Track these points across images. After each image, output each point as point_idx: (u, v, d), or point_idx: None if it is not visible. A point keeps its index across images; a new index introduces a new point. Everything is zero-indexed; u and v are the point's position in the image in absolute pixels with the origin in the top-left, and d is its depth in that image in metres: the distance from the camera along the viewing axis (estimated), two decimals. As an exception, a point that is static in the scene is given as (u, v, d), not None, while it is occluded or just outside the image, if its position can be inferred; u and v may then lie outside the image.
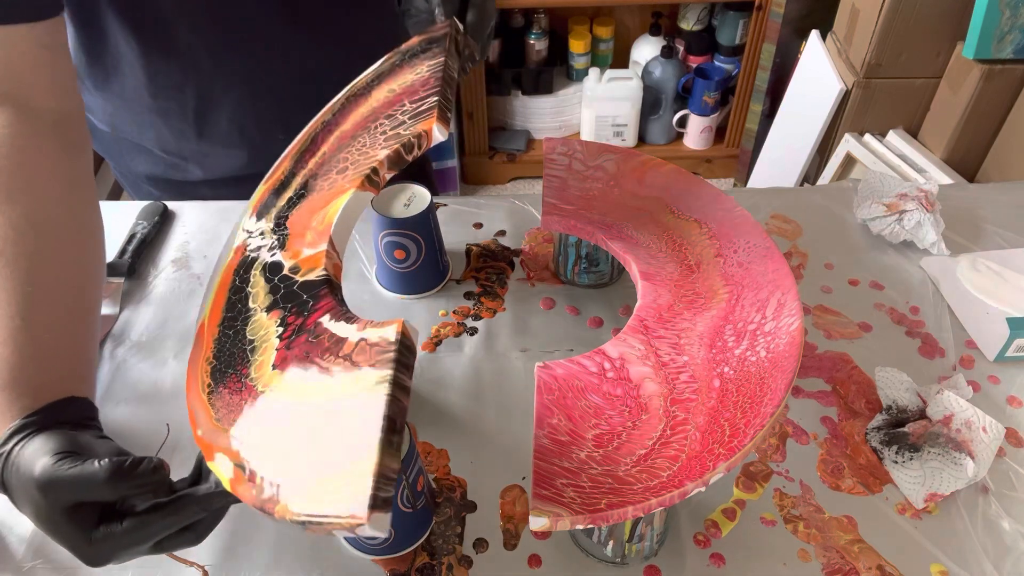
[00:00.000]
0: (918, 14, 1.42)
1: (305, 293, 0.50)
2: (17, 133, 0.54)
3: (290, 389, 0.46)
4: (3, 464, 0.44)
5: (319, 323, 0.48)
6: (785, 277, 0.62)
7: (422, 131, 0.54)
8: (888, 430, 0.63)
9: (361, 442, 0.40)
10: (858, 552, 0.57)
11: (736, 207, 0.70)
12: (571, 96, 2.16)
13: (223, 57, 0.75)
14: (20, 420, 0.45)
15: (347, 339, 0.46)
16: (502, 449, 0.64)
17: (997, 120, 1.41)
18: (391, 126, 0.57)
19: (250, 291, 0.52)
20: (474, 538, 0.58)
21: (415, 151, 0.54)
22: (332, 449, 0.41)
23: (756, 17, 1.91)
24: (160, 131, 0.81)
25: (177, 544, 0.45)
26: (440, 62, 0.59)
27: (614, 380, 0.55)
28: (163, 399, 0.68)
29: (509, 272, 0.80)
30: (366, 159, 0.55)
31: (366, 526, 0.37)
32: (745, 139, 2.10)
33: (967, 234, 0.82)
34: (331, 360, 0.46)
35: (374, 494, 0.38)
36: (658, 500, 0.47)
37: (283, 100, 0.80)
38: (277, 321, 0.50)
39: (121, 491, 0.42)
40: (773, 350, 0.56)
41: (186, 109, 0.78)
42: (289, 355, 0.48)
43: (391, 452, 0.40)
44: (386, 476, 0.39)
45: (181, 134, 0.81)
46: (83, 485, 0.41)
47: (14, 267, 0.49)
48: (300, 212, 0.56)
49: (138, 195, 0.93)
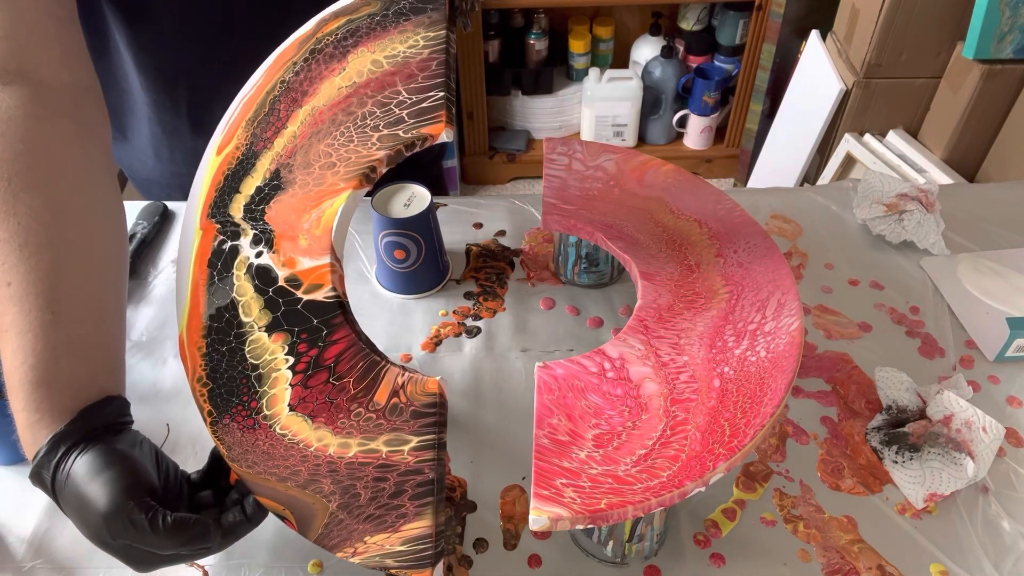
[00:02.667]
0: (918, 14, 1.42)
1: (315, 317, 0.48)
2: (32, 115, 0.51)
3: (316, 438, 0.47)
4: (53, 473, 0.44)
5: (339, 360, 0.48)
6: (785, 277, 0.62)
7: (428, 135, 0.51)
8: (888, 430, 0.63)
9: (415, 504, 0.45)
10: (858, 552, 0.57)
11: (736, 207, 0.70)
12: (571, 96, 2.16)
13: (214, 48, 0.74)
14: (63, 426, 0.45)
15: (376, 389, 0.47)
16: (502, 449, 0.64)
17: (997, 120, 1.41)
18: (385, 122, 0.52)
19: (237, 298, 0.50)
20: (474, 538, 0.58)
21: (415, 149, 0.52)
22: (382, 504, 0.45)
23: (756, 17, 1.91)
24: (154, 129, 0.80)
25: (192, 557, 0.48)
26: (440, 36, 0.52)
27: (614, 380, 0.55)
28: (163, 399, 0.68)
29: (509, 272, 0.79)
30: (358, 157, 0.51)
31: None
32: (745, 139, 2.10)
33: (967, 234, 0.82)
34: (361, 412, 0.47)
35: (434, 552, 0.44)
36: (658, 500, 0.47)
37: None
38: (284, 348, 0.48)
39: (177, 548, 0.45)
40: (773, 350, 0.56)
41: (179, 104, 0.78)
42: (308, 396, 0.47)
43: (443, 510, 0.45)
44: (440, 531, 0.45)
45: (175, 131, 0.80)
46: (148, 539, 0.44)
47: (39, 258, 0.47)
48: (281, 207, 0.52)
49: (147, 196, 0.93)
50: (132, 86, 0.77)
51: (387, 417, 0.46)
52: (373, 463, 0.45)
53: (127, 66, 0.75)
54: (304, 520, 0.46)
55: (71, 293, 0.48)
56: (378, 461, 0.45)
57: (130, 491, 0.44)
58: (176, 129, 0.80)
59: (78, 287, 0.49)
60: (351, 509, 0.45)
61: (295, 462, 0.46)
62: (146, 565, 0.45)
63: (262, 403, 0.47)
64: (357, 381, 0.47)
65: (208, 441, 0.64)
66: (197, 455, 0.63)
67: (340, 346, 0.48)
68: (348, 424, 0.47)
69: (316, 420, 0.47)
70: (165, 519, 0.44)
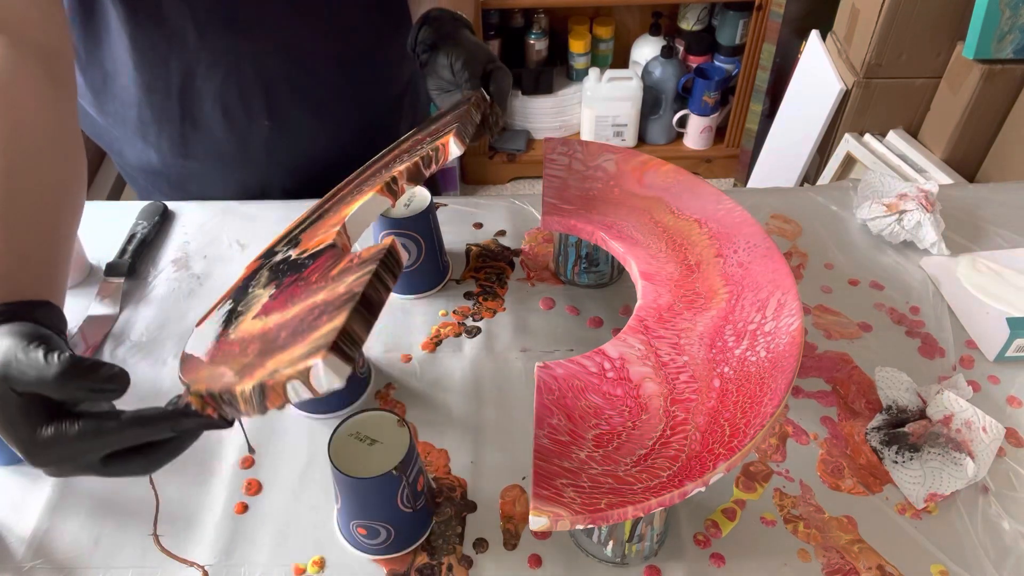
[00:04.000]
0: (918, 14, 1.42)
1: (307, 262, 0.50)
2: (4, 56, 0.54)
3: (271, 319, 0.45)
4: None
5: (314, 272, 0.48)
6: (785, 277, 0.62)
7: (439, 144, 0.55)
8: (888, 430, 0.63)
9: (333, 310, 0.40)
10: (858, 552, 0.57)
11: (736, 207, 0.70)
12: (571, 96, 2.16)
13: (209, 32, 0.74)
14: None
15: (336, 266, 0.46)
16: (502, 449, 0.64)
17: (997, 120, 1.41)
18: (411, 155, 0.58)
19: (251, 291, 0.52)
20: (474, 538, 0.58)
21: (432, 165, 0.55)
22: (303, 325, 0.41)
23: (756, 17, 1.91)
24: (143, 111, 0.80)
25: (127, 467, 0.43)
26: (464, 109, 0.60)
27: (614, 380, 0.55)
28: (163, 399, 0.67)
29: (509, 272, 0.80)
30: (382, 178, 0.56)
31: (319, 366, 0.37)
32: (745, 139, 2.10)
33: (967, 234, 0.82)
34: (319, 285, 0.45)
35: (335, 341, 0.38)
36: (658, 500, 0.47)
37: (269, 84, 0.79)
38: (273, 288, 0.50)
39: (72, 390, 0.41)
40: (773, 350, 0.56)
41: (170, 86, 0.77)
42: (273, 304, 0.47)
43: (360, 320, 0.40)
44: (351, 336, 0.39)
45: (164, 113, 0.80)
46: (34, 372, 0.40)
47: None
48: (313, 228, 0.56)
49: (135, 187, 0.93)
50: (122, 67, 0.77)
51: (339, 279, 0.45)
52: (309, 308, 0.44)
53: (119, 48, 0.75)
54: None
55: (22, 204, 0.49)
56: (314, 307, 0.43)
57: (30, 336, 0.42)
58: (165, 111, 0.80)
59: (29, 204, 0.49)
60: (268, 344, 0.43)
61: (235, 351, 0.46)
62: (62, 456, 0.41)
63: (231, 329, 0.48)
64: (322, 273, 0.47)
65: (208, 442, 0.64)
66: (197, 455, 0.63)
67: (320, 264, 0.48)
68: (295, 297, 0.46)
69: (269, 314, 0.46)
70: (61, 355, 0.40)
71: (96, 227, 0.82)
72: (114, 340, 0.73)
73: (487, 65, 0.67)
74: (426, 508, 0.57)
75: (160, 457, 0.44)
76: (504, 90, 0.67)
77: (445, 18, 0.70)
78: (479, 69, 0.66)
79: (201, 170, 0.86)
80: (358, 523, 0.54)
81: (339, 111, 0.85)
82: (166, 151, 0.84)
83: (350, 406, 0.67)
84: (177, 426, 0.44)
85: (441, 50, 0.67)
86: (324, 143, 0.86)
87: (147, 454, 0.44)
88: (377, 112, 0.89)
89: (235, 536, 0.58)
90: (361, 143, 0.88)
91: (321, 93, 0.82)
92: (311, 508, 0.60)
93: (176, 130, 0.81)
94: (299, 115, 0.82)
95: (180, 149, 0.84)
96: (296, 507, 0.60)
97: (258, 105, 0.80)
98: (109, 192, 1.88)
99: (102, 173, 1.88)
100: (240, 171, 0.86)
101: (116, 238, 0.81)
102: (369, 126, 0.88)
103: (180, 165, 0.86)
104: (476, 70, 0.65)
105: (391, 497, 0.53)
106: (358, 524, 0.54)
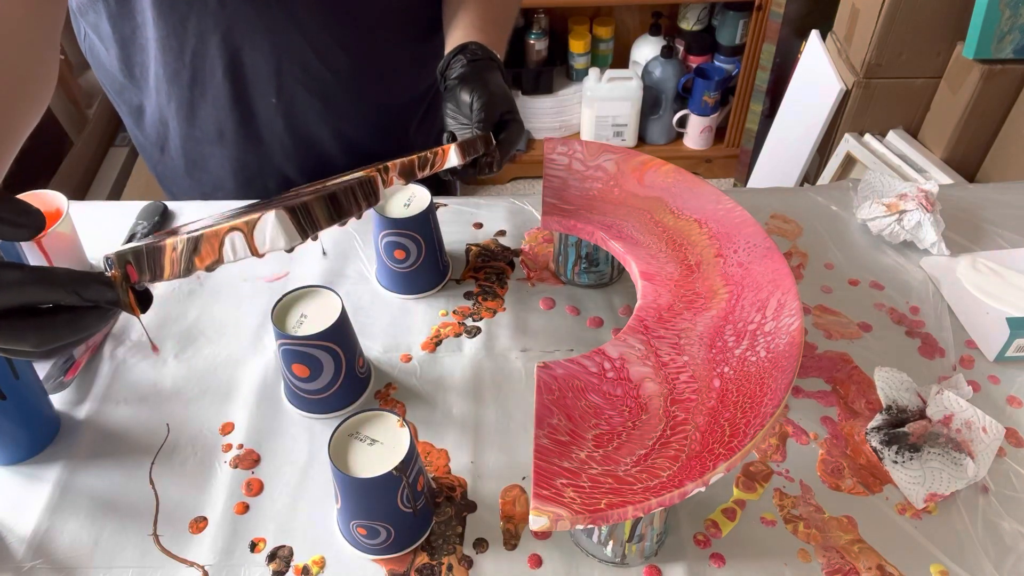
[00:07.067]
0: (918, 14, 1.42)
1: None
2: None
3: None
4: None
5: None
6: (785, 277, 0.62)
7: (440, 150, 0.56)
8: (888, 430, 0.63)
9: (306, 197, 0.42)
10: (858, 552, 0.57)
11: (736, 207, 0.70)
12: (571, 96, 2.16)
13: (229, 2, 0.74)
14: None
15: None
16: (502, 449, 0.64)
17: (997, 120, 1.40)
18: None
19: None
20: (474, 538, 0.58)
21: (427, 168, 0.56)
22: (274, 203, 0.44)
23: (756, 17, 1.91)
24: (158, 68, 0.80)
25: (16, 333, 0.40)
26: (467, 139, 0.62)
27: (614, 380, 0.55)
28: (163, 399, 0.68)
29: (509, 272, 0.80)
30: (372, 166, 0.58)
31: (269, 218, 0.37)
32: (745, 139, 2.10)
33: (967, 234, 0.82)
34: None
35: (294, 206, 0.38)
36: (658, 500, 0.47)
37: (281, 62, 0.79)
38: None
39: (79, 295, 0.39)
40: (773, 350, 0.56)
41: (184, 45, 0.77)
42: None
43: (323, 209, 0.42)
44: (310, 213, 0.40)
45: (176, 75, 0.80)
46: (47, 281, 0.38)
47: None
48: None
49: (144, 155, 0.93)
50: (147, 20, 0.77)
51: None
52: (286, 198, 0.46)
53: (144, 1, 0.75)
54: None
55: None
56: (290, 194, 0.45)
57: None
58: (177, 73, 0.80)
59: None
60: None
61: None
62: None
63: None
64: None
65: (208, 442, 0.64)
66: (197, 455, 0.63)
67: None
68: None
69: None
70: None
71: (96, 227, 0.82)
72: (114, 340, 0.73)
73: (504, 114, 0.68)
74: (426, 508, 0.57)
75: (57, 331, 0.40)
76: (512, 142, 0.68)
77: (482, 58, 0.70)
78: (495, 116, 0.67)
79: (204, 141, 0.86)
80: (358, 523, 0.54)
81: (347, 103, 0.85)
82: (174, 114, 0.84)
83: (350, 406, 0.67)
84: (83, 291, 0.40)
85: (467, 85, 0.68)
86: (327, 132, 0.86)
87: (43, 325, 0.40)
88: (386, 112, 0.89)
89: (235, 536, 0.58)
90: (365, 140, 0.88)
91: (332, 81, 0.82)
92: (311, 508, 0.60)
93: (185, 94, 0.81)
94: (306, 98, 0.82)
95: (187, 113, 0.83)
96: (296, 507, 0.60)
97: (266, 81, 0.80)
98: (109, 192, 1.88)
99: (102, 173, 1.88)
100: (240, 147, 0.86)
101: (116, 238, 0.82)
102: (376, 125, 0.88)
103: (186, 134, 0.85)
104: (492, 116, 0.66)
105: (391, 497, 0.53)
106: (358, 524, 0.55)
